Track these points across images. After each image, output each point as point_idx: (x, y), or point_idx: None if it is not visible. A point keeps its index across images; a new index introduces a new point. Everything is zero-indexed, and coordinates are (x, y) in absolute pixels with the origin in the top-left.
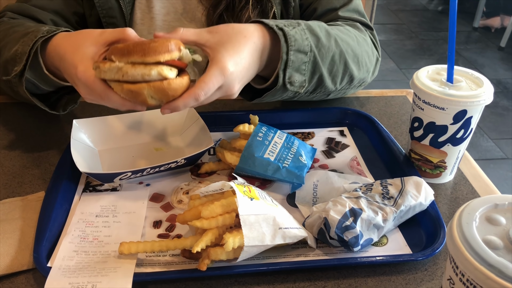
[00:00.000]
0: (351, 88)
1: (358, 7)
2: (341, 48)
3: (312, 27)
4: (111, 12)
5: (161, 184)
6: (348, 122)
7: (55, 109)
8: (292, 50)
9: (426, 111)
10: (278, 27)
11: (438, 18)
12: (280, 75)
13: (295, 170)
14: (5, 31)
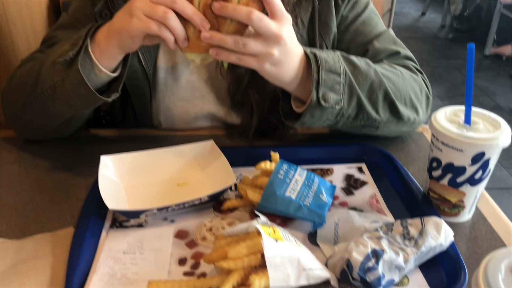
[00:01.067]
0: (402, 124)
1: (408, 54)
2: (380, 78)
3: (349, 56)
4: (135, 75)
5: (185, 220)
6: (366, 158)
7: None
8: (323, 70)
9: (445, 152)
10: (311, 52)
11: (449, 46)
12: (313, 92)
13: (317, 208)
14: (39, 59)
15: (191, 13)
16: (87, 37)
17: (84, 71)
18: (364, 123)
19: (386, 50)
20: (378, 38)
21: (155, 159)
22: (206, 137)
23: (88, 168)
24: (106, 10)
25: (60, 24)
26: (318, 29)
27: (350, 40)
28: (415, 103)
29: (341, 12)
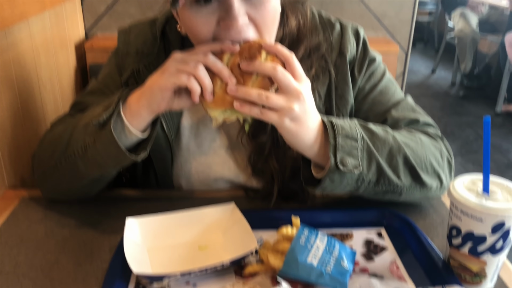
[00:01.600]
0: (426, 190)
1: (427, 120)
2: (399, 144)
3: (366, 123)
4: (157, 140)
5: (207, 284)
6: (386, 223)
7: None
8: (339, 135)
9: (464, 221)
10: (327, 119)
11: (460, 103)
12: (331, 157)
13: (338, 276)
14: (69, 123)
15: (220, 67)
16: (120, 100)
17: (115, 132)
18: (386, 188)
19: (405, 118)
20: (397, 106)
21: (178, 222)
22: (226, 199)
23: (112, 228)
24: (132, 79)
25: (90, 90)
26: (335, 101)
27: (368, 110)
28: (436, 169)
29: (358, 84)
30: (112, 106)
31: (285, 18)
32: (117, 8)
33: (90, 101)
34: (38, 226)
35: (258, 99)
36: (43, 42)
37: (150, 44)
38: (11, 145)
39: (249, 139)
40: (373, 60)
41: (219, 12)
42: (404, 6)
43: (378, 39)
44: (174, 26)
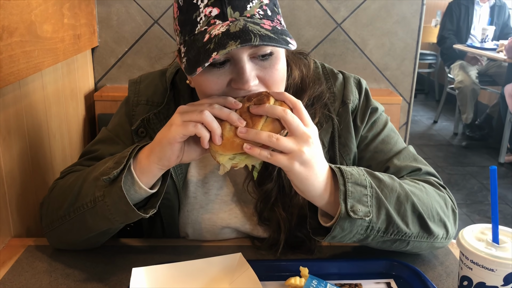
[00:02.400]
0: (433, 240)
1: (428, 170)
2: (406, 191)
3: (372, 172)
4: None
5: None
6: (395, 273)
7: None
8: (349, 182)
9: (475, 271)
10: (336, 166)
11: (463, 153)
12: (342, 204)
13: None
14: (77, 175)
15: (228, 113)
16: (131, 156)
17: (124, 187)
18: (394, 237)
19: (407, 167)
20: (398, 155)
21: (184, 272)
22: (232, 248)
23: (118, 278)
24: (142, 128)
25: (99, 138)
26: (339, 149)
27: (370, 158)
28: (442, 218)
29: (360, 133)
30: (123, 163)
31: (289, 70)
32: (126, 60)
33: (101, 150)
34: (43, 275)
35: (268, 141)
36: (55, 92)
37: (160, 94)
38: (19, 193)
39: (255, 187)
40: (375, 110)
41: (231, 74)
42: (406, 58)
43: (381, 90)
44: (184, 76)
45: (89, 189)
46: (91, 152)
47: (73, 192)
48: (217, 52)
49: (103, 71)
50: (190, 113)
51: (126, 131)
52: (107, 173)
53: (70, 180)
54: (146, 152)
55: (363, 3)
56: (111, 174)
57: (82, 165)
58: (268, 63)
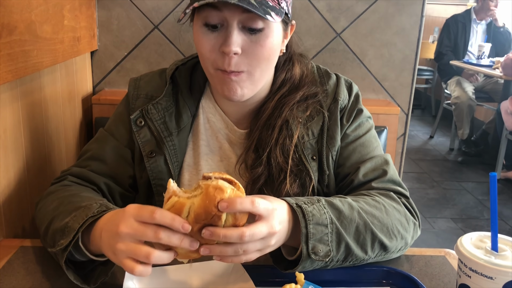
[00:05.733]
0: (391, 254)
1: (393, 177)
2: (365, 219)
3: (333, 202)
4: (160, 175)
5: None
6: (391, 282)
7: (87, 281)
8: (311, 224)
9: (474, 279)
10: (297, 205)
11: (458, 169)
12: (303, 247)
13: None
14: (61, 199)
15: (178, 243)
16: (78, 232)
17: (74, 253)
18: (353, 263)
19: (376, 170)
20: (372, 160)
21: (178, 275)
22: None
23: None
24: (141, 118)
25: (96, 137)
26: (326, 140)
27: (347, 157)
28: (404, 235)
29: (344, 131)
30: (71, 237)
31: (291, 64)
32: (125, 64)
33: (95, 149)
34: (35, 275)
35: (236, 254)
36: (52, 94)
37: (159, 89)
38: (13, 194)
39: (246, 169)
40: (362, 114)
41: (222, 38)
42: (404, 70)
43: (379, 101)
44: (184, 71)
45: (53, 239)
46: (86, 152)
47: (45, 222)
48: None
49: (101, 75)
50: (135, 251)
51: (125, 123)
52: (58, 238)
53: (52, 206)
54: (97, 239)
55: (363, 14)
56: (60, 245)
57: (80, 166)
58: (255, 37)
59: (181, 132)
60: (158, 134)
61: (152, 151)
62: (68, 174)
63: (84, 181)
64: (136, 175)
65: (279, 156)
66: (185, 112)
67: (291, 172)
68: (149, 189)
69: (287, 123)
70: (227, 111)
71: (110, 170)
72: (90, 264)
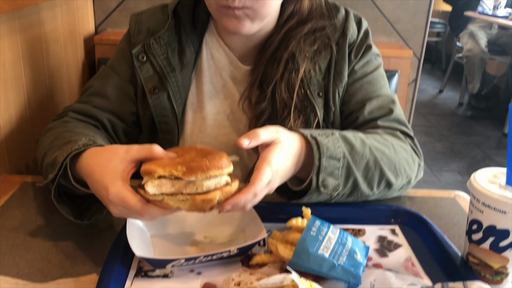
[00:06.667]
0: (393, 192)
1: (399, 117)
2: (375, 156)
3: (346, 136)
4: (164, 111)
5: (212, 273)
6: (400, 221)
7: (81, 217)
8: (324, 157)
9: (486, 214)
10: (312, 137)
11: (467, 123)
12: (314, 179)
13: (351, 268)
14: (56, 135)
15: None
16: (63, 165)
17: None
18: (357, 199)
19: (382, 108)
20: (378, 98)
21: (181, 213)
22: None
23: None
24: (142, 53)
25: (97, 74)
26: (333, 76)
27: (353, 94)
28: (408, 173)
29: (352, 65)
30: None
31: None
32: (128, 4)
33: (96, 86)
34: (38, 210)
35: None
36: (53, 31)
37: (161, 24)
38: (15, 131)
39: (250, 106)
40: (371, 50)
41: None
42: (418, 11)
43: (391, 44)
44: (186, 6)
45: (46, 172)
46: (88, 89)
47: (40, 157)
48: None
49: (104, 15)
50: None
51: (126, 58)
52: (50, 170)
53: (47, 141)
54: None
55: None
56: (47, 178)
57: (82, 102)
58: None
59: (185, 68)
60: (160, 70)
61: (155, 87)
62: (70, 110)
63: (86, 117)
64: (139, 112)
65: (284, 91)
66: (188, 48)
67: (295, 108)
68: (153, 126)
69: (293, 56)
70: (231, 46)
71: (112, 106)
72: (86, 200)
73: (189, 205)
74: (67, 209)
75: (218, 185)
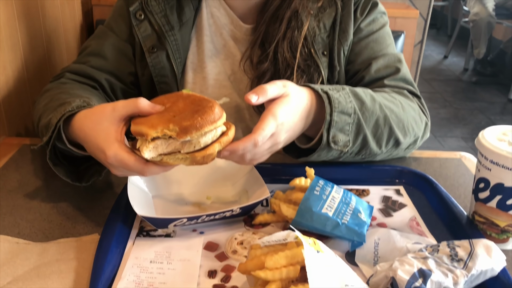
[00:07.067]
0: (399, 152)
1: (406, 76)
2: (385, 113)
3: (357, 92)
4: (163, 71)
5: (215, 232)
6: (404, 181)
7: (79, 179)
8: (336, 112)
9: (494, 171)
10: (323, 91)
11: (472, 89)
12: (324, 134)
13: (355, 227)
14: (52, 96)
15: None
16: (56, 127)
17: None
18: (364, 157)
19: (389, 67)
20: (385, 57)
21: (186, 171)
22: None
23: (115, 176)
24: (140, 11)
25: (95, 34)
26: (338, 34)
27: (358, 53)
28: (416, 132)
29: (358, 23)
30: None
31: None
32: None
33: (94, 45)
34: (38, 172)
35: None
36: None
37: None
38: (12, 93)
39: (252, 66)
40: (377, 8)
41: None
42: None
43: (398, 4)
44: None
45: (42, 135)
46: (86, 48)
47: (36, 118)
48: None
49: None
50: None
51: (124, 18)
52: (45, 132)
53: (43, 103)
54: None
55: None
56: (42, 141)
57: (79, 62)
58: None
59: (184, 26)
60: (159, 28)
61: (153, 46)
62: (67, 71)
63: (84, 78)
64: (138, 73)
65: (287, 50)
66: (187, 5)
67: (298, 67)
68: (152, 87)
69: (296, 14)
70: (231, 4)
71: (110, 66)
72: (86, 162)
73: (189, 162)
74: (64, 171)
75: (215, 137)
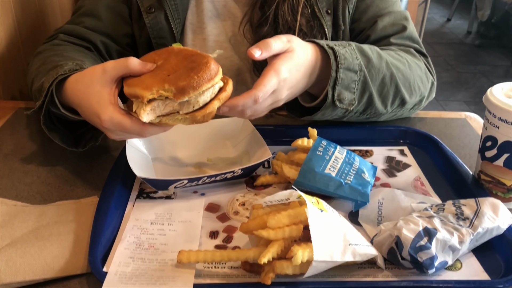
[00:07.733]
0: (404, 112)
1: (412, 34)
2: (392, 71)
3: (363, 48)
4: (161, 32)
5: (216, 194)
6: (409, 141)
7: (75, 145)
8: (341, 68)
9: (502, 129)
10: (328, 46)
11: (475, 52)
12: (329, 92)
13: (359, 187)
14: (44, 59)
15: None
16: (49, 91)
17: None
18: (369, 116)
19: (395, 25)
20: (391, 14)
21: (186, 133)
22: None
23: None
24: None
25: None
26: None
27: (363, 11)
28: (422, 92)
29: None
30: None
31: None
32: None
33: (88, 5)
34: (34, 136)
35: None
36: None
37: None
38: (5, 55)
39: (252, 30)
40: None
41: None
42: None
43: None
44: None
45: (36, 99)
46: (80, 8)
47: (29, 85)
48: None
49: None
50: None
51: None
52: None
53: (35, 66)
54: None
55: None
56: (36, 105)
57: (73, 23)
58: None
59: None
60: None
61: (151, 6)
62: (60, 32)
63: (78, 39)
64: (135, 34)
65: (287, 13)
66: None
67: (300, 31)
68: (150, 49)
69: None
70: None
71: (105, 27)
72: (82, 126)
73: (189, 121)
74: (60, 137)
75: (213, 94)
